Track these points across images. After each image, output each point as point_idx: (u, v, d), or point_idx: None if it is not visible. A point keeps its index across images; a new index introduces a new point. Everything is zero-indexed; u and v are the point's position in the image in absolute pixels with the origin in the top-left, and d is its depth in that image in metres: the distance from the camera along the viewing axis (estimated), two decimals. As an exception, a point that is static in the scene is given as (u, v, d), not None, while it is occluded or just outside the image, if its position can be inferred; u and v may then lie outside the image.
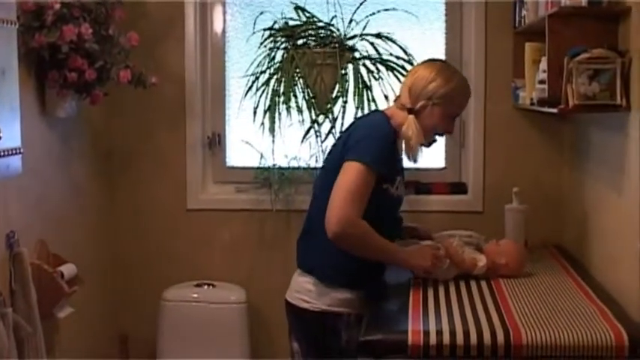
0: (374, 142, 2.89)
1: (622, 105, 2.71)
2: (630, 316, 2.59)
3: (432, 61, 3.15)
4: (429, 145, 3.10)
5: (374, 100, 3.76)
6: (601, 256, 3.21)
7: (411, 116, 2.98)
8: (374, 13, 3.87)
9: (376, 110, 3.42)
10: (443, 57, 4.02)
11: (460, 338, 2.48)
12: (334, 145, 3.10)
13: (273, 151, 3.85)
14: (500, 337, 2.47)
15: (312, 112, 3.72)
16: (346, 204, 2.80)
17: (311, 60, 3.67)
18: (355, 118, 3.52)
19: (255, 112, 3.79)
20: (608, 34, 2.88)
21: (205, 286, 4.05)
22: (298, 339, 3.06)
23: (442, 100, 2.98)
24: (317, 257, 2.99)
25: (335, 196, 2.82)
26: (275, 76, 3.74)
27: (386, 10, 3.90)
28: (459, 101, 3.08)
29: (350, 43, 3.79)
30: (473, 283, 3.05)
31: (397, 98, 3.12)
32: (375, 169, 2.85)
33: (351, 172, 2.84)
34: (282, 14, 3.86)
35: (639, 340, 2.43)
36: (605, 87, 2.72)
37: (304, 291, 3.00)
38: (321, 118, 3.73)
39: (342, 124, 3.69)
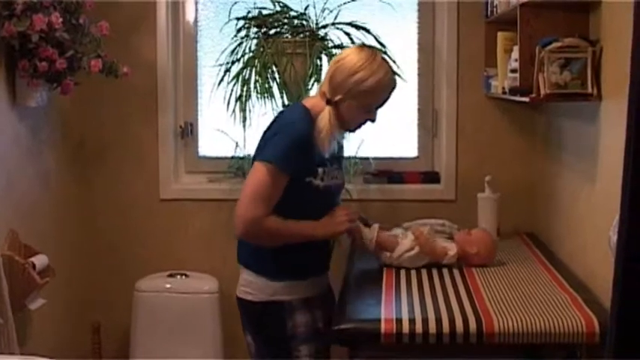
0: (283, 141, 2.86)
1: (593, 94, 2.73)
2: (601, 304, 2.61)
3: (359, 50, 3.00)
4: (354, 130, 3.06)
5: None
6: (573, 244, 3.23)
7: (328, 107, 2.91)
8: (347, 2, 3.86)
9: (296, 104, 3.28)
10: (415, 46, 4.03)
11: (432, 326, 2.50)
12: (260, 140, 3.07)
13: (245, 140, 3.85)
14: (473, 324, 2.49)
15: (285, 99, 3.72)
16: (250, 205, 2.81)
17: (281, 49, 3.66)
18: (279, 112, 3.44)
19: (228, 102, 3.78)
20: (579, 23, 2.90)
21: (178, 276, 4.04)
22: (250, 331, 3.07)
23: (360, 94, 2.89)
24: (250, 252, 3.01)
25: (241, 197, 2.85)
26: (247, 66, 3.73)
27: (359, -1, 3.90)
28: (380, 96, 2.95)
29: (322, 32, 3.78)
30: (445, 272, 3.07)
31: (321, 86, 3.05)
32: (283, 168, 2.83)
33: (257, 172, 2.84)
34: (254, 4, 3.85)
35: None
36: (577, 76, 2.74)
37: (247, 283, 3.00)
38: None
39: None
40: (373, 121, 3.04)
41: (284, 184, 2.85)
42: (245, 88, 3.72)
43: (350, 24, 3.81)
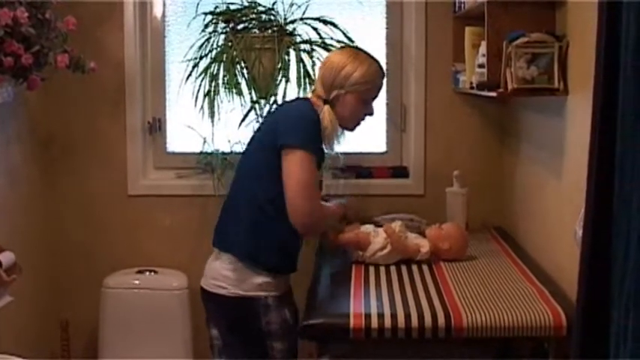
0: (309, 127, 2.92)
1: (559, 89, 2.75)
2: (568, 297, 2.63)
3: (342, 49, 3.29)
4: (353, 129, 3.13)
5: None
6: (540, 239, 3.25)
7: (326, 106, 3.01)
8: (315, -3, 3.87)
9: (298, 98, 3.39)
10: (383, 41, 4.04)
11: (401, 321, 2.50)
12: (258, 131, 3.09)
13: (213, 135, 3.84)
14: (441, 319, 2.50)
15: (253, 95, 3.71)
16: (306, 197, 2.84)
17: (249, 44, 3.66)
18: (279, 104, 3.49)
19: (196, 97, 3.77)
20: (545, 18, 2.92)
21: (147, 273, 4.02)
22: (217, 324, 3.06)
23: (354, 87, 3.01)
24: (237, 236, 2.99)
25: (292, 192, 2.84)
26: (215, 61, 3.72)
27: (327, -7, 3.90)
28: (372, 85, 3.09)
29: (291, 27, 3.78)
30: (414, 267, 3.08)
31: (314, 90, 3.15)
32: (315, 154, 2.89)
33: (297, 162, 2.85)
34: (223, -1, 3.84)
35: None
36: (544, 71, 2.76)
37: (221, 277, 2.99)
38: (262, 101, 3.71)
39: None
40: (371, 114, 3.16)
41: (316, 166, 2.92)
42: (213, 84, 3.71)
43: (318, 19, 3.81)
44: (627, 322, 1.64)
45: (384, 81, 3.17)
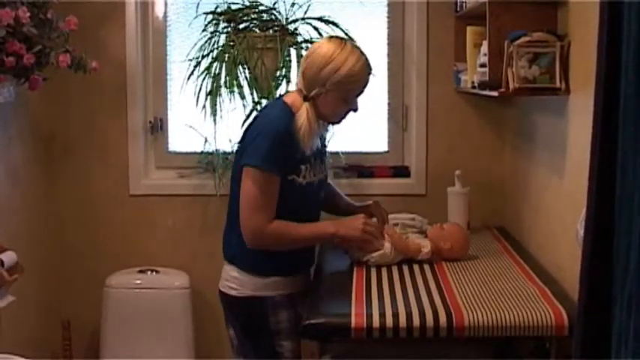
0: (264, 143, 2.84)
1: (561, 88, 2.75)
2: (570, 297, 2.62)
3: (327, 41, 2.98)
4: (338, 122, 3.06)
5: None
6: (542, 238, 3.25)
7: (306, 104, 2.89)
8: (316, -4, 3.86)
9: (279, 97, 3.18)
10: (385, 41, 4.03)
11: (403, 320, 2.50)
12: (243, 135, 3.04)
13: (215, 135, 3.84)
14: (443, 318, 2.50)
15: (255, 95, 3.71)
16: (252, 214, 2.85)
17: (251, 44, 3.66)
18: (261, 107, 3.47)
19: (197, 97, 3.77)
20: (547, 18, 2.92)
21: (149, 272, 4.02)
22: (233, 325, 3.07)
23: (336, 85, 2.86)
24: (236, 247, 3.00)
25: (241, 208, 2.87)
26: (217, 61, 3.72)
27: (329, -7, 3.90)
28: (355, 84, 2.92)
29: (292, 26, 3.78)
30: (416, 266, 3.07)
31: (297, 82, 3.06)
32: (270, 170, 2.84)
33: (248, 180, 2.86)
34: (224, -2, 3.84)
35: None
36: (545, 70, 2.75)
37: (231, 278, 3.02)
38: (263, 101, 3.72)
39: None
40: (355, 110, 3.01)
41: (277, 184, 2.87)
42: (215, 84, 3.71)
43: (320, 19, 3.81)
44: (629, 321, 1.64)
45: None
